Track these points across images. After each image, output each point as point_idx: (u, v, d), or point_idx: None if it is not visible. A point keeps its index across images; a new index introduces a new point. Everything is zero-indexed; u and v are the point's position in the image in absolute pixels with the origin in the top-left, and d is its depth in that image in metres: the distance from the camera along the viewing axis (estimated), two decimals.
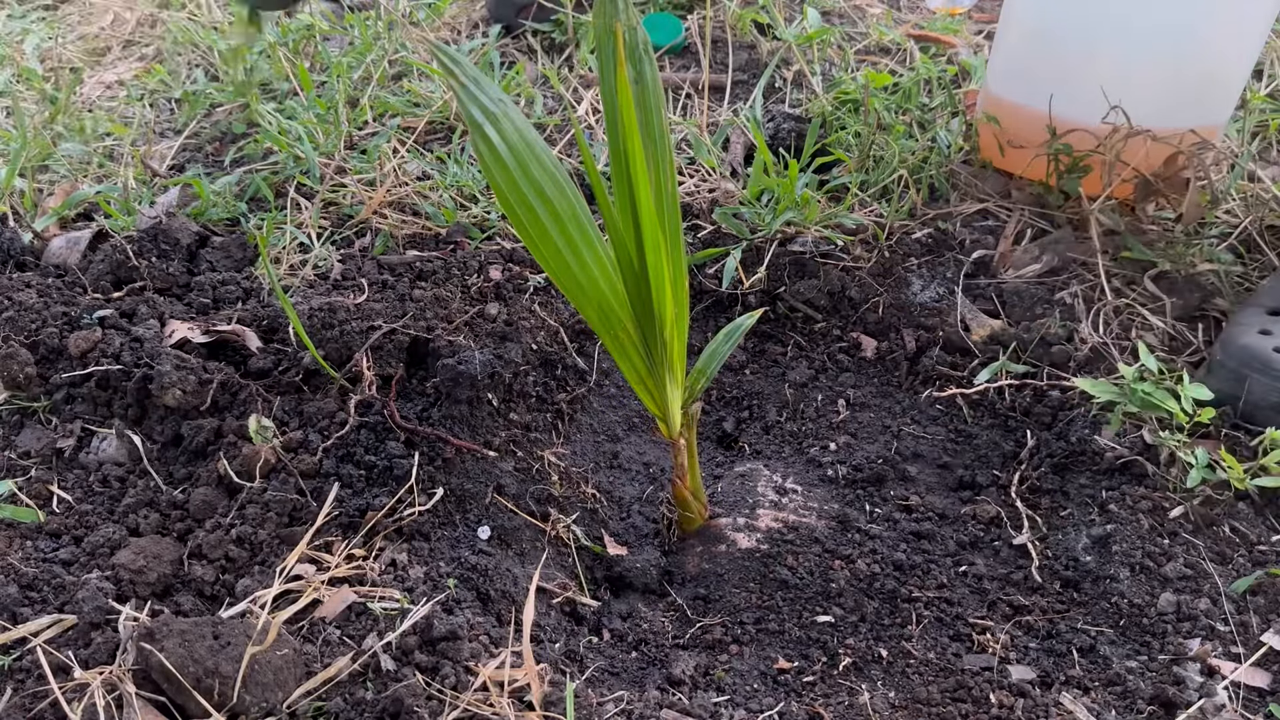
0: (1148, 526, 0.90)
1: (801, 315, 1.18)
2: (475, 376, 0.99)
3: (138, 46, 1.73)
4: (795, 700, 0.78)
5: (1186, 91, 1.14)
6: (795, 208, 1.20)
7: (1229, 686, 0.76)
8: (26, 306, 1.05)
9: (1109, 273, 1.13)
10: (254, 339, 1.04)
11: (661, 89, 0.70)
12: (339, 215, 1.26)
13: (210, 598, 0.82)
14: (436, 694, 0.73)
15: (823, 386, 1.12)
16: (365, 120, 1.44)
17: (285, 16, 1.61)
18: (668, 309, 0.73)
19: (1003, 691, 0.77)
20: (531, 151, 0.65)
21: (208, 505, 0.88)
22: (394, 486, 0.91)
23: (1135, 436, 0.96)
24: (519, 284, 1.15)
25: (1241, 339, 0.96)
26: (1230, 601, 0.82)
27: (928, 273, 1.19)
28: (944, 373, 1.09)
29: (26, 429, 0.97)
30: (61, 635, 0.76)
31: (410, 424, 0.96)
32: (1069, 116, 1.15)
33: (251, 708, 0.70)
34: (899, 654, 0.82)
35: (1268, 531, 0.88)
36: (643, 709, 0.75)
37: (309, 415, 0.97)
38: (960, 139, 1.32)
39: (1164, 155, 1.14)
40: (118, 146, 1.41)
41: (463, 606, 0.82)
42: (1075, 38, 1.14)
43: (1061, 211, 1.22)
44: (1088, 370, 1.04)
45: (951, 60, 1.55)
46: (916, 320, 1.14)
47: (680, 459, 0.90)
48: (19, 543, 0.85)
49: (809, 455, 1.05)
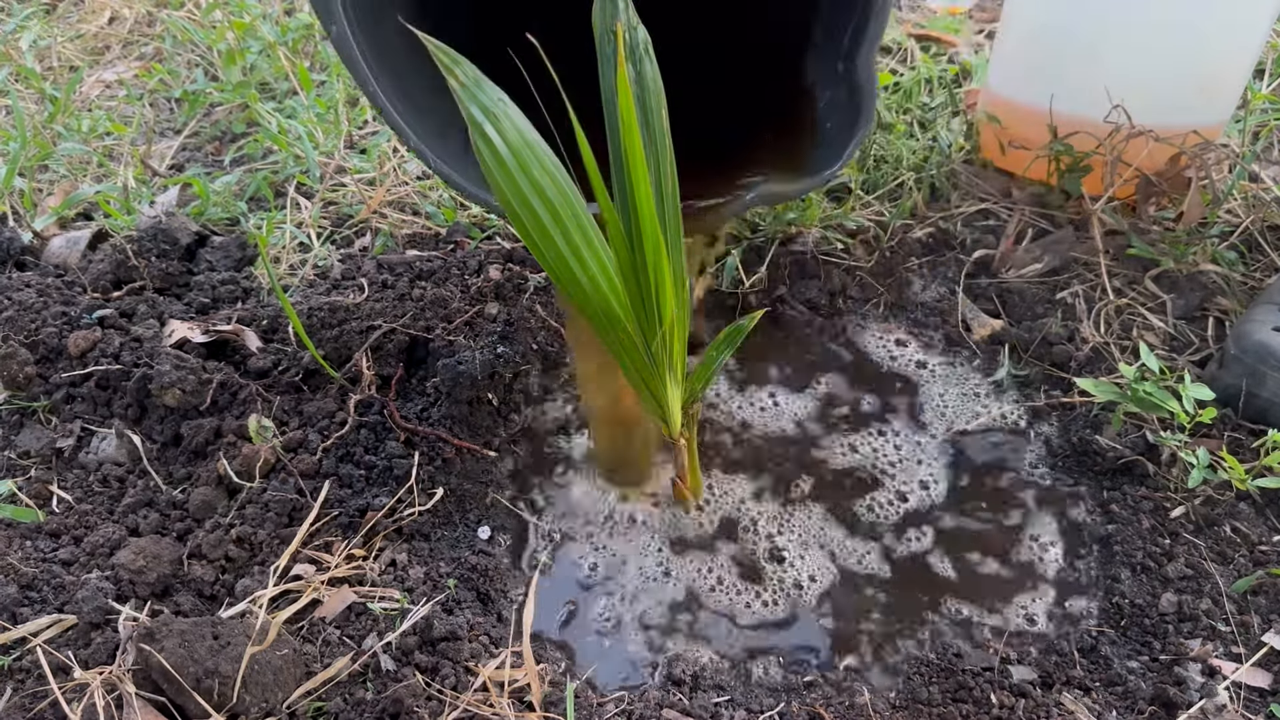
0: (1149, 526, 0.90)
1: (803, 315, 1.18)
2: (475, 376, 0.99)
3: (136, 46, 1.73)
4: (795, 700, 0.78)
5: (1188, 91, 1.13)
6: (796, 208, 1.20)
7: (1230, 687, 0.76)
8: (26, 306, 1.05)
9: (1110, 272, 1.13)
10: (254, 339, 1.04)
11: (662, 89, 0.70)
12: (339, 215, 1.26)
13: (210, 598, 0.82)
14: (436, 694, 0.73)
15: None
16: (365, 119, 1.44)
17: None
18: (668, 309, 0.73)
19: (1003, 691, 0.77)
20: (532, 151, 0.64)
21: (207, 505, 0.88)
22: (394, 486, 0.91)
23: (1136, 436, 0.96)
24: (519, 284, 1.15)
25: (1256, 335, 0.96)
26: (1231, 601, 0.82)
27: (929, 272, 1.19)
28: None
29: (26, 429, 0.97)
30: (61, 635, 0.76)
31: (410, 424, 0.96)
32: (1070, 116, 1.15)
33: (251, 708, 0.70)
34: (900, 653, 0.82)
35: (1269, 531, 0.88)
36: (643, 709, 0.75)
37: (309, 415, 0.97)
38: (961, 138, 1.32)
39: (1165, 155, 1.14)
40: (117, 146, 1.41)
41: (463, 606, 0.82)
42: (1076, 37, 1.14)
43: (1063, 211, 1.22)
44: (1089, 370, 1.04)
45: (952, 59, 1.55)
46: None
47: (680, 459, 0.90)
48: (19, 543, 0.85)
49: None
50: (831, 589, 0.88)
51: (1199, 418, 0.91)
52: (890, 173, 1.27)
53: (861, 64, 0.82)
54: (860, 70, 0.83)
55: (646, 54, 0.69)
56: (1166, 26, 1.09)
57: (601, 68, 0.69)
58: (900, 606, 0.87)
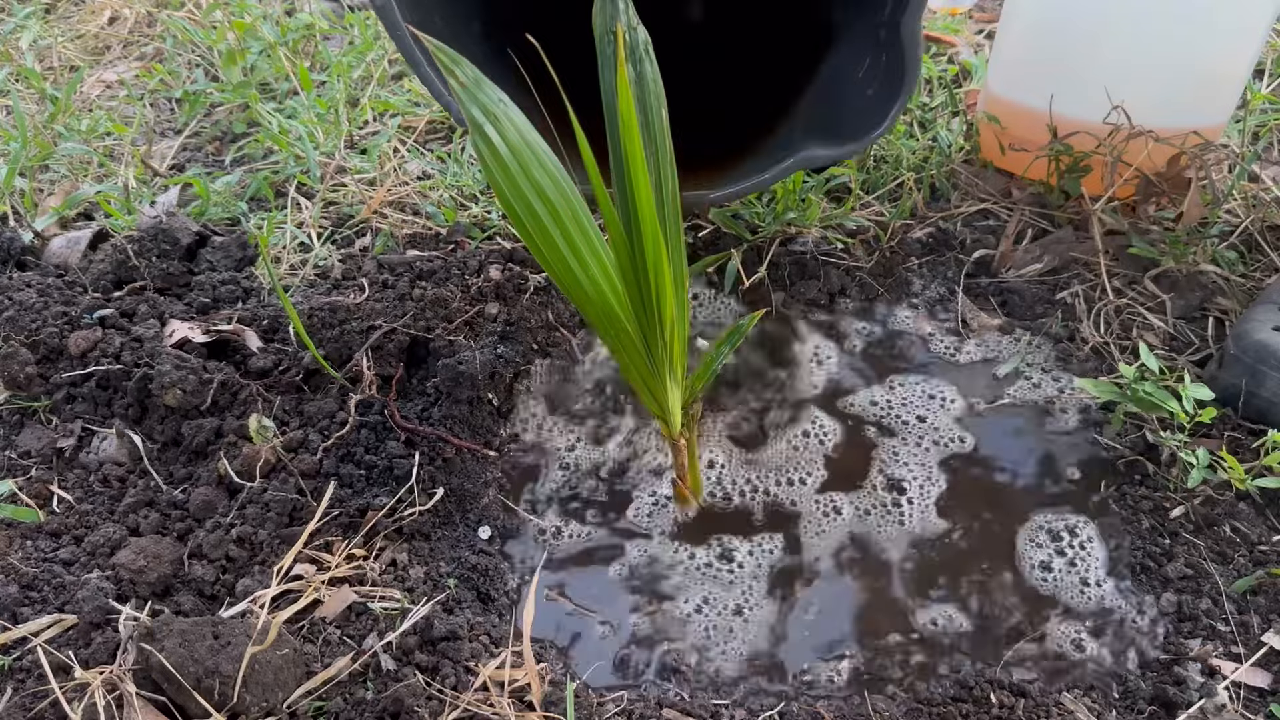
0: (1148, 526, 0.90)
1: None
2: (475, 376, 0.99)
3: (137, 46, 1.73)
4: (795, 700, 0.78)
5: (1187, 91, 1.13)
6: (796, 208, 1.20)
7: (1230, 686, 0.76)
8: (27, 306, 1.05)
9: (1110, 272, 1.13)
10: (254, 338, 1.04)
11: (662, 89, 0.70)
12: (339, 215, 1.27)
13: (210, 597, 0.82)
14: (436, 694, 0.73)
15: None
16: (365, 119, 1.44)
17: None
18: (668, 309, 0.73)
19: (1003, 691, 0.77)
20: (532, 151, 0.65)
21: (208, 505, 0.88)
22: (394, 486, 0.91)
23: (1136, 436, 0.96)
24: (519, 284, 1.15)
25: (1256, 335, 0.97)
26: (1231, 601, 0.82)
27: (928, 272, 1.19)
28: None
29: (26, 429, 0.97)
30: (62, 635, 0.76)
31: (410, 424, 0.96)
32: (1070, 116, 1.15)
33: (251, 708, 0.70)
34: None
35: (1268, 531, 0.88)
36: (643, 708, 0.75)
37: (309, 415, 0.97)
38: (961, 138, 1.32)
39: (1165, 155, 1.14)
40: (118, 146, 1.41)
41: (463, 606, 0.82)
42: (1076, 37, 1.14)
43: (1062, 211, 1.22)
44: (1089, 370, 1.04)
45: (952, 60, 1.55)
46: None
47: (680, 459, 0.90)
48: (19, 542, 0.85)
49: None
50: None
51: (1199, 418, 0.91)
52: (890, 173, 1.27)
53: (906, 29, 0.82)
54: (905, 35, 0.83)
55: (646, 54, 0.69)
56: (1166, 27, 1.09)
57: (601, 68, 0.69)
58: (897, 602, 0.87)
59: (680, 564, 0.91)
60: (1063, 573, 0.89)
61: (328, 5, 1.76)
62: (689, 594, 0.88)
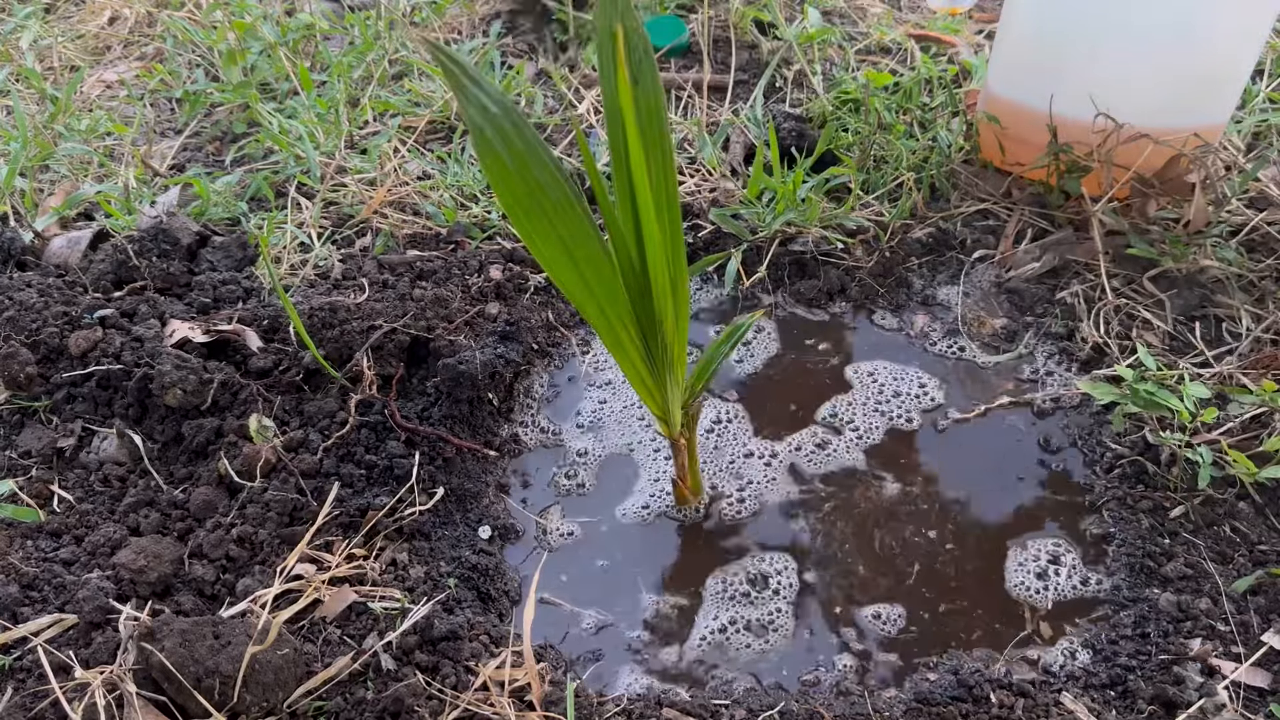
0: (1148, 526, 0.90)
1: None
2: (475, 376, 0.99)
3: (137, 46, 1.73)
4: (795, 700, 0.78)
5: (1187, 92, 1.13)
6: (795, 208, 1.20)
7: (1229, 686, 0.76)
8: (27, 306, 1.05)
9: (1110, 272, 1.13)
10: (254, 338, 1.04)
11: (662, 90, 0.70)
12: (339, 215, 1.27)
13: (211, 597, 0.82)
14: (437, 694, 0.73)
15: None
16: (366, 120, 1.44)
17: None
18: (668, 309, 0.73)
19: (1003, 691, 0.77)
20: (532, 151, 0.65)
21: (208, 505, 0.88)
22: (394, 486, 0.91)
23: (1136, 436, 0.96)
24: (519, 284, 1.15)
25: None
26: (1231, 601, 0.82)
27: (928, 272, 1.20)
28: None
29: (27, 428, 0.97)
30: (62, 635, 0.76)
31: (411, 423, 0.96)
32: (1070, 116, 1.15)
33: (252, 707, 0.70)
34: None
35: (1268, 531, 0.88)
36: (643, 708, 0.75)
37: (309, 415, 0.97)
38: (961, 139, 1.32)
39: (1164, 156, 1.14)
40: (118, 146, 1.41)
41: (463, 606, 0.82)
42: (1076, 38, 1.14)
43: (1062, 211, 1.22)
44: (1089, 370, 1.04)
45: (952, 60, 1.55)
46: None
47: (680, 458, 0.90)
48: (19, 542, 0.85)
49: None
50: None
51: (1202, 417, 0.91)
52: (890, 173, 1.27)
53: None
54: None
55: (647, 55, 0.69)
56: (1165, 27, 1.09)
57: (601, 69, 0.69)
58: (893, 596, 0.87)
59: (680, 563, 0.91)
60: (1062, 573, 0.89)
61: (328, 5, 1.76)
62: (688, 592, 0.88)
